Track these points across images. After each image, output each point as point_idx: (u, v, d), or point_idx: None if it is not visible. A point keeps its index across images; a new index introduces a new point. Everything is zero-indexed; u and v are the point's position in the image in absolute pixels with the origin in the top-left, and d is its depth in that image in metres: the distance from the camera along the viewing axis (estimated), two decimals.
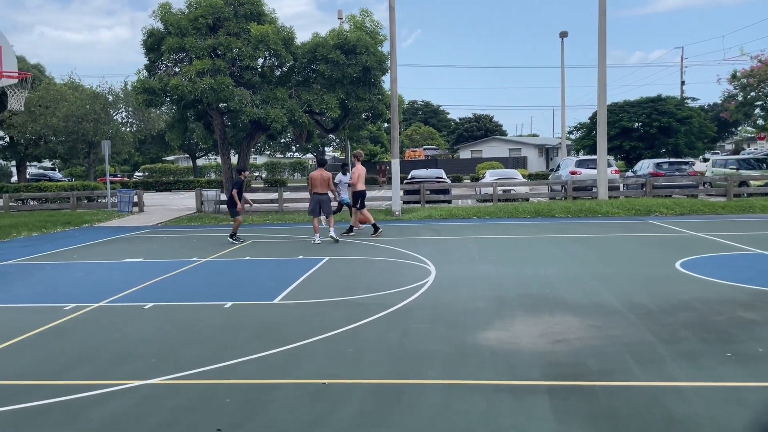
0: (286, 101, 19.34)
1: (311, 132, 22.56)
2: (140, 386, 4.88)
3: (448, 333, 6.16)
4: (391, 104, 19.90)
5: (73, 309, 7.54)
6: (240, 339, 6.14)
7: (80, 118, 33.59)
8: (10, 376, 5.20)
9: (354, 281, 8.96)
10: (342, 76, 19.40)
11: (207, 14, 19.01)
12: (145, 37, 20.10)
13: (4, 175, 56.40)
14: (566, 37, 37.81)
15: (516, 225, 16.10)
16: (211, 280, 9.43)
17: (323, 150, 57.74)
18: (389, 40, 19.71)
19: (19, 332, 6.52)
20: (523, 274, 9.16)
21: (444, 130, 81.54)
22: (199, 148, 48.91)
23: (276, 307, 7.55)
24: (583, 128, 42.84)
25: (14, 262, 11.68)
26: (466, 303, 7.40)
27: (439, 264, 10.13)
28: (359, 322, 6.63)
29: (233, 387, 4.82)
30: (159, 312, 7.39)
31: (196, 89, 18.35)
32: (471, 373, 5.02)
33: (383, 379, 4.90)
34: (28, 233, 16.64)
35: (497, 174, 26.87)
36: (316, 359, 5.45)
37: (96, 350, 5.90)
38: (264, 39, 18.68)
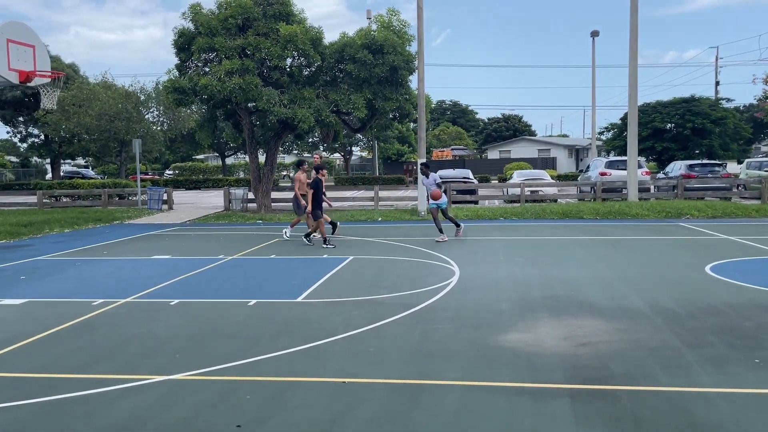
0: (314, 101, 19.44)
1: (338, 132, 22.63)
2: (164, 381, 4.95)
3: (470, 334, 6.13)
4: (418, 104, 19.87)
5: (102, 304, 7.69)
6: (263, 336, 6.20)
7: (113, 116, 34.26)
8: (39, 368, 5.32)
9: (377, 281, 8.97)
10: (369, 75, 19.42)
11: (236, 14, 19.20)
12: (176, 37, 20.38)
13: (39, 173, 57.80)
14: (597, 37, 37.34)
15: (543, 226, 15.93)
16: (237, 278, 9.53)
17: (350, 149, 57.94)
18: (417, 40, 19.68)
19: (50, 326, 6.67)
20: (549, 275, 9.06)
21: (472, 130, 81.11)
22: (228, 146, 49.50)
23: (299, 305, 7.59)
24: (614, 129, 42.21)
25: (46, 258, 11.96)
26: (489, 304, 7.35)
27: (463, 265, 10.08)
28: (381, 321, 6.63)
29: (255, 384, 4.86)
30: (184, 308, 7.49)
31: (225, 89, 18.56)
32: (492, 374, 4.98)
33: (404, 379, 4.89)
34: (61, 229, 17.02)
35: (525, 174, 26.64)
36: (338, 358, 5.47)
37: (122, 345, 6.00)
38: (292, 39, 18.80)
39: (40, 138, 45.15)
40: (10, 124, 45.42)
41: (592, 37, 37.23)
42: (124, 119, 34.62)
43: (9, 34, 9.91)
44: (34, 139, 46.14)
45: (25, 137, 47.05)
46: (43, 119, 36.04)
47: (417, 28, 19.52)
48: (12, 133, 47.28)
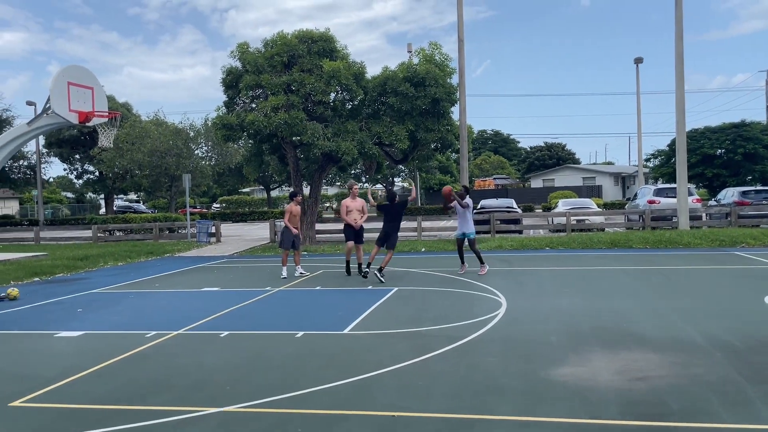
0: (357, 134, 19.74)
1: (381, 163, 22.86)
2: (216, 413, 5.03)
3: (520, 367, 6.03)
4: (460, 134, 19.95)
5: (155, 336, 7.88)
6: (311, 368, 6.23)
7: (163, 153, 35.45)
8: (96, 400, 5.47)
9: (423, 312, 8.94)
10: (411, 107, 19.64)
11: (282, 52, 19.78)
12: (224, 76, 21.11)
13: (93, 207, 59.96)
14: (641, 63, 36.91)
15: (591, 256, 15.63)
16: (284, 310, 9.64)
17: (392, 180, 58.25)
18: (458, 72, 19.87)
19: (105, 358, 6.86)
20: (599, 307, 8.87)
21: (514, 158, 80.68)
22: (273, 180, 50.47)
23: (346, 337, 7.62)
24: (661, 155, 41.36)
25: (102, 291, 12.35)
26: (538, 336, 7.23)
27: (510, 296, 9.96)
28: (428, 354, 6.59)
29: (305, 416, 4.88)
30: (234, 340, 7.61)
31: (271, 124, 19.03)
32: (544, 409, 4.88)
33: (453, 413, 4.84)
34: (115, 262, 17.58)
35: (570, 203, 26.28)
36: (386, 391, 5.46)
37: (175, 376, 6.12)
38: (336, 74, 19.22)
39: (94, 174, 46.98)
40: (67, 161, 47.48)
41: (636, 63, 36.82)
42: (175, 155, 35.77)
43: (69, 77, 10.45)
44: (90, 175, 48.04)
45: (80, 174, 49.05)
46: (98, 156, 37.55)
47: (458, 61, 19.71)
48: (69, 170, 49.39)
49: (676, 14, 20.14)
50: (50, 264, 16.38)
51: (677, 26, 20.14)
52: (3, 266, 16.30)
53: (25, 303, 10.95)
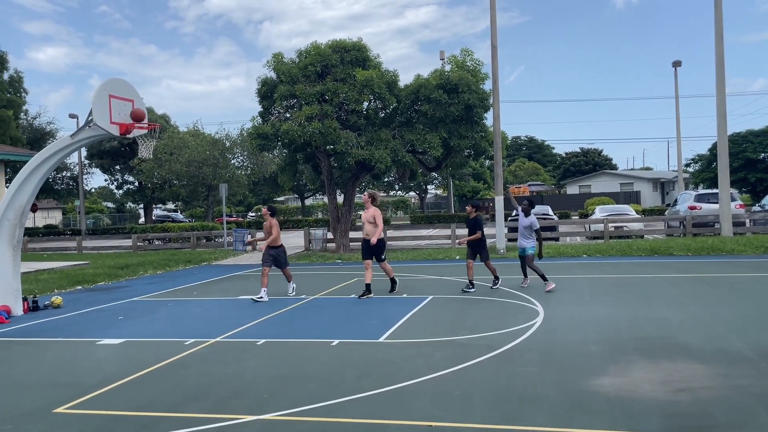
0: (390, 142, 19.78)
1: (414, 171, 22.85)
2: (254, 421, 5.07)
3: (558, 377, 5.93)
4: (493, 141, 19.82)
5: (193, 344, 8.00)
6: (347, 377, 6.24)
7: (201, 163, 36.11)
8: (137, 407, 5.57)
9: (459, 321, 8.87)
10: (444, 115, 19.60)
11: (316, 62, 19.98)
12: (259, 86, 21.41)
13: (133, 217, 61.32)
14: (680, 67, 36.17)
15: (630, 264, 15.32)
16: (319, 318, 9.68)
17: (426, 188, 58.19)
18: (491, 78, 19.75)
19: (146, 365, 6.99)
20: (639, 316, 8.67)
21: (549, 165, 79.77)
22: (307, 188, 50.90)
23: (382, 345, 7.61)
24: (702, 160, 40.39)
25: (141, 299, 12.61)
26: (577, 346, 7.10)
27: (547, 304, 9.82)
28: (465, 363, 6.53)
29: (342, 425, 4.88)
30: (271, 348, 7.67)
31: (306, 133, 19.22)
32: (584, 421, 4.78)
33: (491, 424, 4.78)
34: (154, 271, 17.93)
35: (608, 210, 25.84)
36: (423, 400, 5.42)
37: (213, 384, 6.20)
38: (369, 83, 19.32)
39: (134, 185, 48.11)
40: (108, 172, 48.75)
41: (674, 67, 36.11)
42: (211, 165, 36.41)
43: (110, 90, 10.70)
44: (129, 185, 49.22)
45: (121, 184, 50.30)
46: (138, 167, 38.45)
47: (491, 66, 19.61)
48: (109, 181, 50.71)
49: (716, 15, 19.70)
50: (92, 273, 16.80)
51: (717, 27, 19.69)
52: (47, 275, 16.78)
53: (69, 311, 11.24)
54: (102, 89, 10.47)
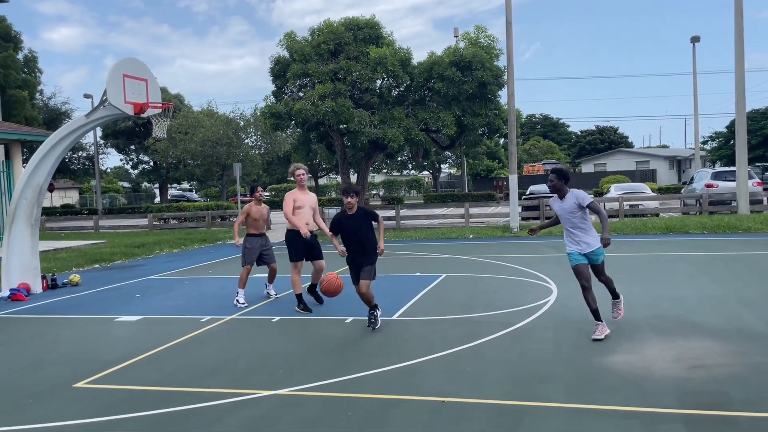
0: (403, 120, 19.68)
1: (427, 149, 22.76)
2: (269, 396, 5.14)
3: (572, 355, 5.94)
4: (508, 119, 19.65)
5: (209, 321, 8.09)
6: (361, 353, 6.29)
7: (215, 142, 36.20)
8: (155, 382, 5.66)
9: (472, 299, 8.88)
10: (458, 92, 19.44)
11: (329, 40, 19.86)
12: (272, 65, 21.34)
13: (149, 197, 61.78)
14: (698, 42, 35.49)
15: (645, 242, 15.22)
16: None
17: (439, 167, 57.96)
18: (506, 55, 19.52)
19: (163, 341, 7.10)
20: (654, 294, 8.63)
21: (564, 143, 78.99)
22: (320, 167, 50.92)
23: (395, 323, 7.65)
24: (720, 137, 39.80)
25: (158, 277, 12.75)
26: (591, 324, 7.07)
27: (561, 282, 9.79)
28: (478, 340, 6.56)
29: (355, 401, 4.94)
30: (285, 325, 7.75)
31: (319, 112, 19.17)
32: (598, 397, 4.80)
33: (505, 400, 4.81)
34: (170, 250, 18.10)
35: (623, 188, 25.60)
36: (436, 376, 5.46)
37: (229, 360, 6.28)
38: (382, 61, 19.18)
39: (149, 164, 48.40)
40: (123, 152, 49.05)
41: (692, 43, 35.44)
42: (225, 144, 36.49)
43: (124, 69, 10.71)
44: (145, 165, 49.52)
45: (136, 164, 50.61)
46: (153, 147, 38.64)
47: (506, 43, 19.36)
48: (125, 161, 51.05)
49: None
50: (109, 251, 17.00)
51: (736, 3, 19.26)
52: (65, 254, 17.01)
53: (87, 289, 11.40)
54: (116, 69, 10.49)
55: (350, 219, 7.10)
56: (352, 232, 7.08)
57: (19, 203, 11.01)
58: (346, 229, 7.12)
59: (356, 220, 7.09)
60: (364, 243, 7.13)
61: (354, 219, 7.09)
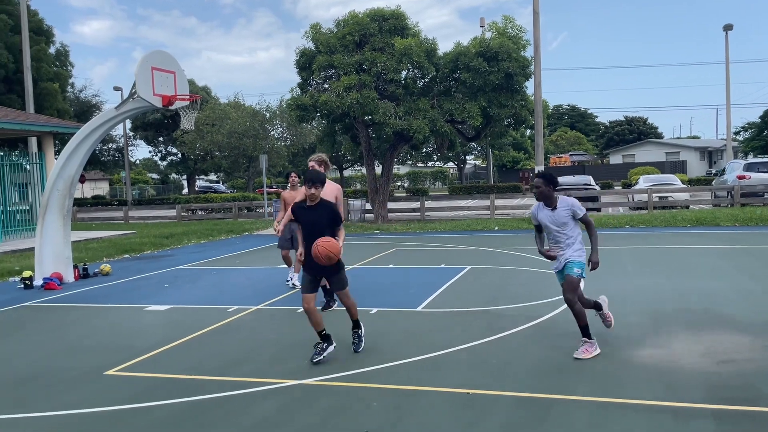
0: (428, 111, 19.61)
1: (453, 141, 22.66)
2: (295, 386, 5.20)
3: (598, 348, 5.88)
4: (534, 110, 19.45)
5: (236, 311, 8.20)
6: (386, 344, 6.32)
7: (241, 134, 36.51)
8: (183, 370, 5.77)
9: (497, 291, 8.85)
10: (484, 83, 19.29)
11: (354, 31, 19.84)
12: (297, 57, 21.41)
13: (177, 188, 62.60)
14: (731, 30, 34.65)
15: (674, 234, 14.98)
16: (358, 287, 9.76)
17: (464, 158, 57.64)
18: (533, 45, 19.30)
19: (191, 331, 7.22)
20: (683, 287, 8.50)
21: (592, 134, 77.95)
22: (345, 159, 51.05)
23: (419, 314, 7.67)
24: (752, 128, 38.85)
25: (186, 267, 12.95)
26: (617, 317, 7.01)
27: (587, 275, 9.67)
28: (503, 333, 6.54)
29: (380, 391, 4.97)
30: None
31: (344, 104, 19.19)
32: (624, 391, 4.76)
33: (530, 393, 4.80)
34: (197, 240, 18.36)
35: (652, 180, 25.21)
36: (460, 368, 5.47)
37: (256, 350, 6.37)
38: (407, 52, 19.11)
39: (177, 156, 49.01)
40: (151, 144, 49.74)
41: (725, 31, 34.60)
42: (252, 136, 36.78)
43: (153, 62, 10.85)
44: (173, 157, 50.16)
45: (164, 156, 51.29)
46: (181, 139, 39.11)
47: (533, 33, 19.15)
48: (153, 152, 51.77)
49: None
50: (139, 242, 17.30)
51: None
52: (96, 244, 17.36)
53: (117, 278, 11.63)
54: (144, 62, 10.63)
55: (308, 211, 5.96)
56: (309, 226, 5.93)
57: (51, 194, 11.26)
58: (303, 221, 6.00)
59: (316, 212, 5.92)
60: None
61: (314, 211, 5.93)
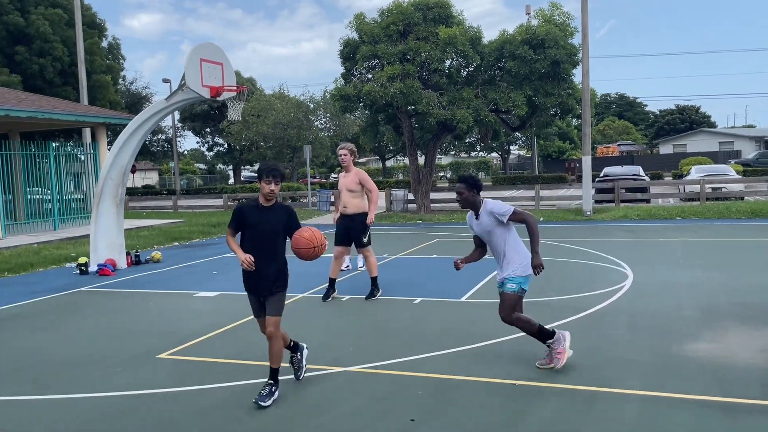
0: (472, 101, 19.41)
1: (497, 131, 22.39)
2: (340, 372, 5.26)
3: (648, 341, 5.76)
4: (582, 98, 19.03)
5: None
6: (430, 334, 6.33)
7: (285, 125, 36.90)
8: (231, 355, 5.91)
9: (543, 283, 8.72)
10: (529, 71, 18.97)
11: (398, 21, 19.76)
12: (341, 47, 21.46)
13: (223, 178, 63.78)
14: None
15: (728, 227, 14.48)
16: (401, 276, 9.81)
17: (508, 148, 56.91)
18: (581, 31, 18.86)
19: (239, 317, 7.37)
20: (738, 281, 8.22)
21: (641, 123, 75.87)
22: (388, 149, 51.07)
23: (463, 305, 7.64)
24: None
25: (232, 255, 13.16)
26: (668, 310, 6.85)
27: (636, 267, 9.48)
28: (551, 324, 6.43)
29: (425, 380, 4.98)
30: (355, 304, 7.88)
31: (387, 94, 19.17)
32: (674, 385, 4.64)
33: (576, 385, 4.73)
34: None
35: (705, 170, 24.42)
36: (505, 359, 5.43)
37: (301, 337, 6.42)
38: (452, 41, 18.93)
39: (223, 147, 49.89)
40: (199, 134, 50.75)
41: None
42: (296, 127, 37.14)
43: (201, 54, 11.05)
44: (219, 147, 51.09)
45: (211, 146, 52.28)
46: (227, 130, 39.81)
47: (581, 20, 18.70)
48: (201, 143, 52.81)
49: None
50: (187, 230, 17.73)
51: None
52: (147, 232, 17.88)
53: (167, 265, 11.95)
54: (194, 53, 10.84)
55: (262, 212, 4.78)
56: (259, 231, 4.77)
57: (105, 183, 11.62)
58: (252, 225, 4.77)
59: (271, 215, 4.78)
60: (273, 251, 4.92)
61: (268, 213, 4.78)
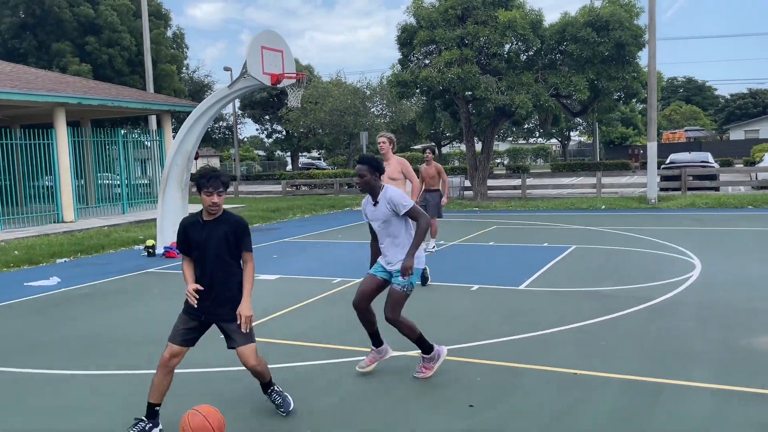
0: (532, 86, 19.01)
1: (557, 116, 21.87)
2: (401, 356, 5.31)
3: (717, 334, 5.55)
4: (648, 82, 18.35)
5: (340, 282, 8.44)
6: (488, 321, 6.29)
7: (342, 112, 37.16)
8: (293, 336, 6.04)
9: (604, 272, 8.53)
10: (592, 54, 18.43)
11: (456, 5, 19.51)
12: (398, 33, 21.38)
13: (281, 164, 64.90)
14: None
15: None
16: (458, 264, 9.77)
17: (568, 134, 55.53)
18: (647, 12, 18.16)
19: (298, 300, 7.52)
20: None
21: (710, 108, 72.63)
22: (444, 136, 50.68)
23: (522, 292, 7.55)
24: None
25: (292, 240, 13.45)
26: (739, 302, 6.58)
27: (705, 257, 9.13)
28: (612, 314, 6.31)
29: (483, 367, 4.97)
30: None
31: (444, 79, 19.00)
32: (743, 379, 4.47)
33: (640, 376, 4.61)
34: (302, 215, 19.01)
35: None
36: (566, 348, 5.34)
37: (356, 320, 6.51)
38: (511, 25, 18.57)
39: (282, 133, 50.69)
40: (258, 122, 51.72)
41: None
42: (353, 114, 37.34)
43: (262, 41, 11.24)
44: (278, 134, 51.93)
45: (270, 133, 53.20)
46: (286, 117, 40.40)
47: (647, 0, 17.99)
48: (260, 130, 53.81)
49: None
50: (248, 215, 18.14)
51: None
52: None
53: None
54: (255, 41, 11.03)
55: (205, 228, 4.04)
56: (203, 251, 4.02)
57: (171, 169, 12.01)
58: (197, 243, 4.03)
59: (215, 229, 4.04)
60: (224, 273, 4.15)
61: (211, 228, 4.04)
